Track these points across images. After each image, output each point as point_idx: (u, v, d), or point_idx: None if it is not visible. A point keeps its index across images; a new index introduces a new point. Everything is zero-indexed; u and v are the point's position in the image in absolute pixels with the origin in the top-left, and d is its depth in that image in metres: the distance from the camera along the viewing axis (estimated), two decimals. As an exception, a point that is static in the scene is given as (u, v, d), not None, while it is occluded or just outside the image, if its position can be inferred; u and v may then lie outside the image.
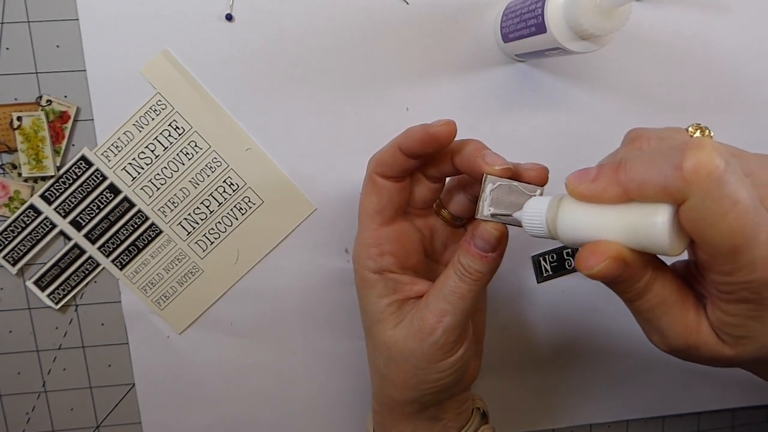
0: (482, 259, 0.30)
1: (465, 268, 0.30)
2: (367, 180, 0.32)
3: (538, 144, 0.41)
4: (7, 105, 0.36)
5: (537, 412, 0.46)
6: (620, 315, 0.45)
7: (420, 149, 0.30)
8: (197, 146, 0.38)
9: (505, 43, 0.37)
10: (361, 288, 0.33)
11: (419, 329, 0.30)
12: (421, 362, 0.31)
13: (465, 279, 0.30)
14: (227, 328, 0.41)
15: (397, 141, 0.30)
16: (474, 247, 0.30)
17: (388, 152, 0.31)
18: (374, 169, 0.31)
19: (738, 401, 0.48)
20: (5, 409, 0.42)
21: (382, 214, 0.32)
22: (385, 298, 0.32)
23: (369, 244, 0.32)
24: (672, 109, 0.41)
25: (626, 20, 0.29)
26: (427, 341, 0.30)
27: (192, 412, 0.43)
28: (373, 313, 0.32)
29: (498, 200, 0.29)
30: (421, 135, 0.29)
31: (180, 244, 0.40)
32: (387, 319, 0.32)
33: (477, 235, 0.30)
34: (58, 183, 0.38)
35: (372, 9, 0.37)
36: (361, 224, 0.32)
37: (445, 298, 0.30)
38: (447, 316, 0.30)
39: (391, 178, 0.31)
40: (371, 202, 0.32)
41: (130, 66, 0.36)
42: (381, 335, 0.32)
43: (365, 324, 0.34)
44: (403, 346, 0.31)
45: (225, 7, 0.36)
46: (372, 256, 0.32)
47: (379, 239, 0.32)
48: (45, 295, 0.39)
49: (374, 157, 0.32)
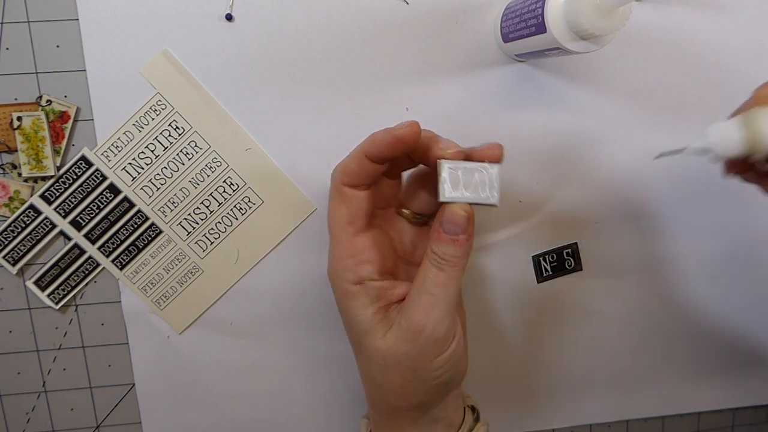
0: (455, 242, 0.30)
1: (440, 257, 0.30)
2: (334, 192, 0.32)
3: (538, 144, 0.41)
4: (7, 105, 0.36)
5: (537, 412, 0.46)
6: (620, 315, 0.45)
7: (387, 153, 0.30)
8: (197, 146, 0.38)
9: (505, 43, 0.37)
10: (342, 302, 0.32)
11: (409, 330, 0.30)
12: (418, 362, 0.30)
13: (443, 267, 0.30)
14: (227, 328, 0.41)
15: (363, 148, 0.30)
16: (444, 233, 0.30)
17: (354, 161, 0.31)
18: (341, 179, 0.31)
19: (738, 401, 0.48)
20: (5, 409, 0.42)
21: (354, 224, 0.32)
22: (369, 307, 0.31)
23: (345, 256, 0.31)
24: (672, 109, 0.41)
25: (626, 20, 0.29)
26: (419, 340, 0.30)
27: (192, 412, 0.43)
28: (360, 324, 0.31)
29: (456, 181, 0.29)
30: (388, 139, 0.29)
31: (180, 244, 0.40)
32: (375, 329, 0.31)
33: (445, 220, 0.30)
34: (58, 183, 0.38)
35: (372, 9, 0.37)
36: (333, 238, 0.32)
37: (427, 291, 0.30)
38: (433, 308, 0.30)
39: (359, 187, 0.31)
40: (342, 214, 0.31)
41: (130, 66, 0.36)
42: (372, 345, 0.31)
43: (353, 338, 0.33)
44: (396, 352, 0.30)
45: (225, 7, 0.36)
46: (350, 267, 0.31)
47: (355, 249, 0.31)
48: (45, 295, 0.39)
49: (339, 168, 0.32)
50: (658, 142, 0.41)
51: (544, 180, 0.41)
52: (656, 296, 0.45)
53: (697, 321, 0.46)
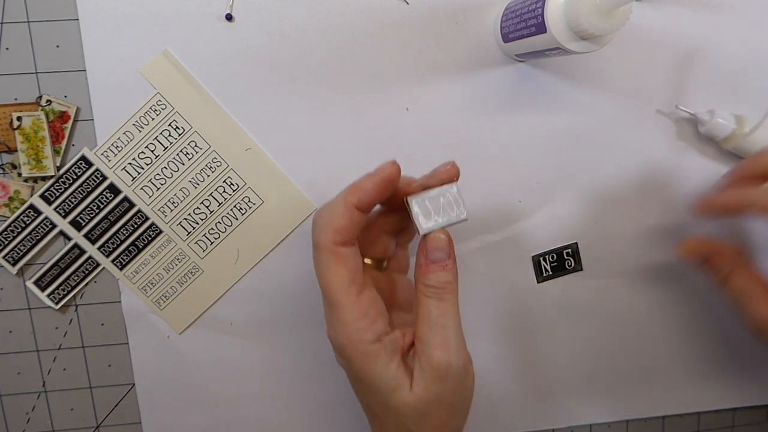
0: (444, 269, 0.30)
1: (437, 287, 0.30)
2: (328, 255, 0.30)
3: (538, 144, 0.41)
4: (7, 105, 0.36)
5: (537, 412, 0.46)
6: (620, 315, 0.45)
7: (378, 198, 0.30)
8: (197, 146, 0.38)
9: (505, 43, 0.37)
10: (363, 367, 0.30)
11: (435, 370, 0.29)
12: (452, 398, 0.30)
13: (443, 296, 0.30)
14: (227, 328, 0.41)
15: (351, 201, 0.29)
16: (431, 263, 0.30)
17: (344, 217, 0.29)
18: (333, 240, 0.30)
19: (738, 401, 0.48)
20: (5, 409, 0.42)
21: (356, 283, 0.30)
22: (391, 363, 0.30)
23: (356, 318, 0.30)
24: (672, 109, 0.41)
25: (626, 20, 0.29)
26: (448, 377, 0.29)
27: (192, 412, 0.43)
28: (387, 383, 0.30)
29: (427, 212, 0.31)
30: (378, 183, 0.29)
31: (180, 244, 0.40)
32: (401, 383, 0.30)
33: (429, 249, 0.30)
34: (58, 183, 0.38)
35: (372, 9, 0.37)
36: (336, 303, 0.30)
37: (437, 324, 0.30)
38: (450, 341, 0.30)
39: (352, 243, 0.30)
40: (341, 277, 0.30)
41: (130, 66, 0.36)
42: (402, 401, 0.30)
43: (377, 400, 0.31)
44: (430, 397, 0.29)
45: (225, 7, 0.36)
46: (366, 327, 0.30)
47: (363, 308, 0.30)
48: (45, 295, 0.39)
49: (326, 229, 0.30)
50: (658, 142, 0.41)
51: (544, 180, 0.41)
52: (656, 296, 0.45)
53: (697, 321, 0.46)
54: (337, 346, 0.31)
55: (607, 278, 0.44)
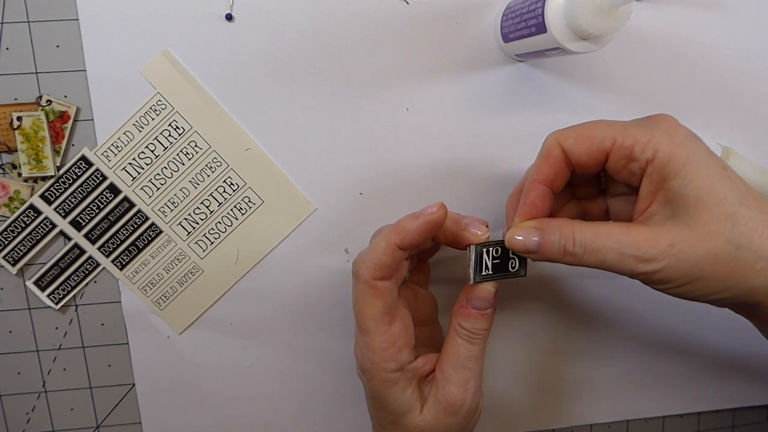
0: (483, 317, 0.31)
1: (471, 332, 0.31)
2: (366, 288, 0.31)
3: (538, 144, 0.41)
4: (7, 105, 0.36)
5: (537, 412, 0.46)
6: (619, 315, 0.45)
7: (422, 239, 0.30)
8: (197, 146, 0.38)
9: (505, 43, 0.37)
10: (381, 390, 0.32)
11: (449, 404, 0.31)
12: (458, 430, 0.32)
13: (474, 341, 0.32)
14: (227, 328, 0.41)
15: (393, 240, 0.30)
16: (473, 309, 0.32)
17: (386, 254, 0.30)
18: (373, 275, 0.31)
19: (738, 401, 0.48)
20: (5, 409, 0.42)
21: (390, 314, 0.32)
22: (408, 389, 0.32)
23: (385, 348, 0.31)
24: (672, 110, 0.41)
25: (626, 20, 0.29)
26: (460, 413, 0.31)
27: (192, 412, 0.43)
28: (400, 407, 0.32)
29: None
30: (423, 225, 0.30)
31: (180, 244, 0.40)
32: (414, 407, 0.32)
33: (474, 298, 0.31)
34: (58, 183, 0.38)
35: (372, 9, 0.37)
36: (368, 332, 0.32)
37: (463, 365, 0.31)
38: (470, 382, 0.31)
39: (388, 277, 0.31)
40: (377, 308, 0.31)
41: (130, 66, 0.36)
42: (412, 423, 0.32)
43: (387, 418, 0.33)
44: (438, 425, 0.32)
45: (225, 7, 0.36)
46: (392, 356, 0.31)
47: (393, 338, 0.32)
48: (45, 295, 0.39)
49: (367, 263, 0.31)
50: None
51: (544, 180, 0.41)
52: (656, 296, 0.44)
53: (697, 321, 0.46)
54: (361, 365, 0.33)
55: (607, 278, 0.44)
